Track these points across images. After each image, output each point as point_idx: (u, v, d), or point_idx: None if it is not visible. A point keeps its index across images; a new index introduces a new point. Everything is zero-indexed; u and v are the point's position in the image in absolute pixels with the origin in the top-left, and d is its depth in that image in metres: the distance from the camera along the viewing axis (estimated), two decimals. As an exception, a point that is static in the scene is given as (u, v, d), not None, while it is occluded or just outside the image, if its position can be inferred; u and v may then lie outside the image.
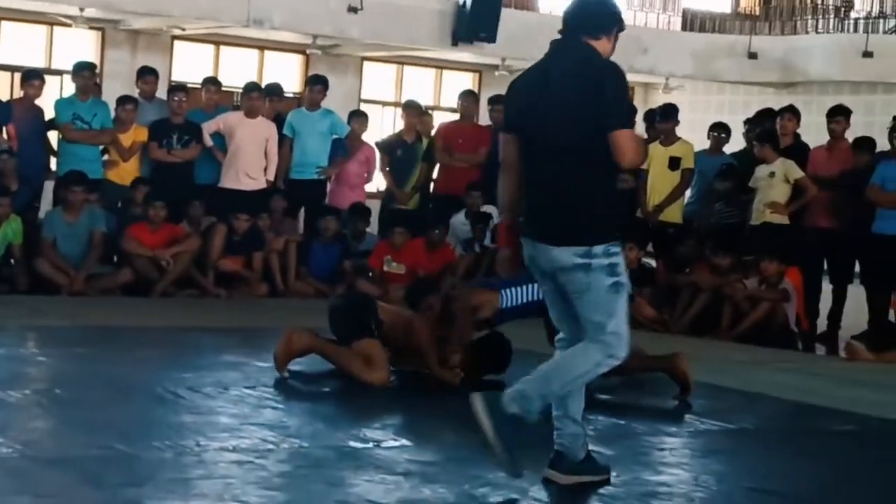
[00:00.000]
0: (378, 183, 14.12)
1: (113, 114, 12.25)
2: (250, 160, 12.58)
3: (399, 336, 7.45)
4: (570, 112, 4.93)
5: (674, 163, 12.48)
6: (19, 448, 5.06)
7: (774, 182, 11.69)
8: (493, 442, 4.83)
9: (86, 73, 12.36)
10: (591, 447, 5.83)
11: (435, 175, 13.92)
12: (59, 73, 17.37)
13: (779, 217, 11.70)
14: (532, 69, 5.20)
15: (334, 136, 13.17)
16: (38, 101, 12.20)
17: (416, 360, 7.54)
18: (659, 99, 19.95)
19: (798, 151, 12.10)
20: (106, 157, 12.32)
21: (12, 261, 11.37)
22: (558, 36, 5.13)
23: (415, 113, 13.84)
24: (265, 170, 12.69)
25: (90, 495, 4.49)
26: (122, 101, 12.41)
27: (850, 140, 12.11)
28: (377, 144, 13.85)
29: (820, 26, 22.90)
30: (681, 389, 7.39)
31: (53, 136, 12.35)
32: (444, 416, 6.49)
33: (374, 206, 13.62)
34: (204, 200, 12.25)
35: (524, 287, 7.38)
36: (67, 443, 5.32)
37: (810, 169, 11.91)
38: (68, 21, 18.25)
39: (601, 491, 5.02)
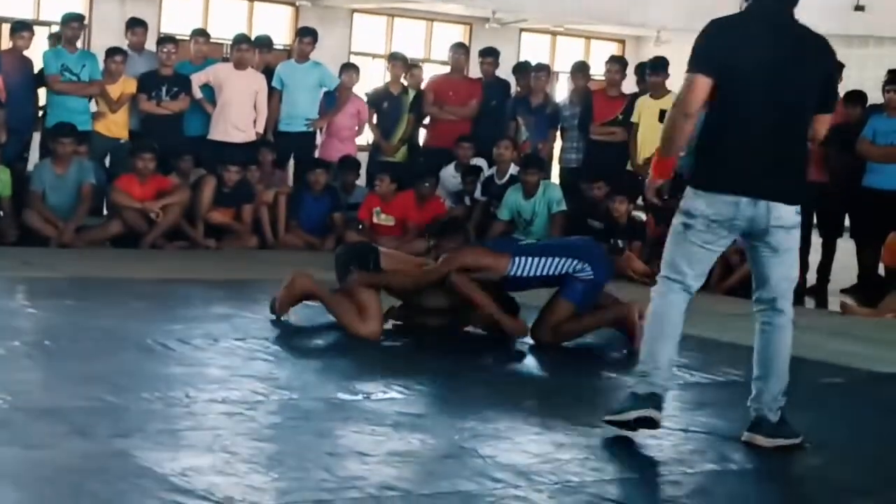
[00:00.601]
0: (368, 136, 14.08)
1: (101, 65, 12.19)
2: (240, 112, 12.55)
3: (406, 285, 7.43)
4: (816, 82, 5.17)
5: (664, 116, 12.42)
6: (9, 399, 5.06)
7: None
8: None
9: (74, 25, 12.29)
10: (580, 401, 5.87)
11: (425, 128, 13.90)
12: (47, 24, 17.26)
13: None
14: (755, 21, 5.20)
15: (324, 89, 13.14)
16: (27, 53, 12.14)
17: (423, 310, 7.56)
18: (650, 52, 19.88)
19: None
20: (94, 108, 12.27)
21: (0, 213, 11.35)
22: None
23: (401, 65, 13.79)
24: (255, 122, 12.66)
25: (79, 446, 4.50)
26: (111, 52, 12.33)
27: (842, 94, 12.09)
28: (367, 101, 13.82)
29: (812, -21, 22.80)
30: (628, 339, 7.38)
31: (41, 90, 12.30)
32: (434, 368, 6.50)
33: (365, 158, 13.60)
34: (193, 153, 12.23)
35: (540, 259, 7.31)
36: (57, 394, 5.32)
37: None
38: (57, -28, 18.13)
39: (589, 444, 5.03)
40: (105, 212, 12.00)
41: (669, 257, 5.27)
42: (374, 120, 13.62)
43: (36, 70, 12.16)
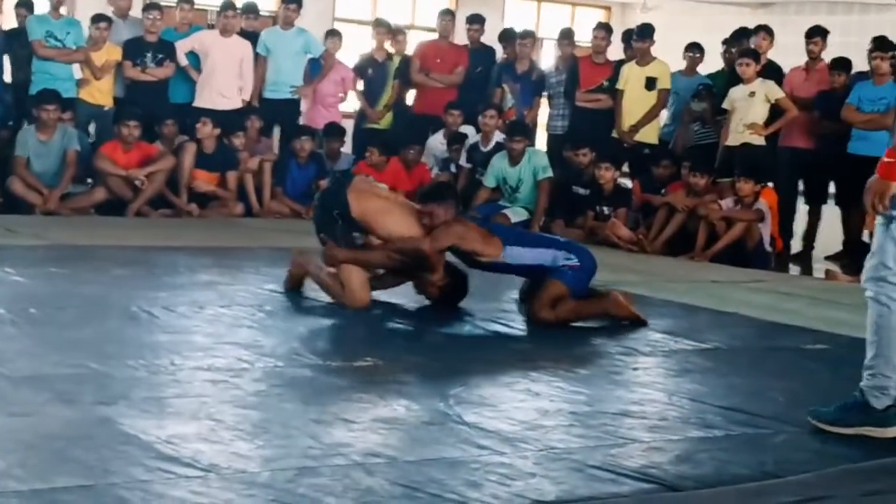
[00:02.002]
0: (353, 103, 14.06)
1: (86, 32, 12.15)
2: (225, 79, 12.53)
3: (382, 262, 7.29)
4: None
5: (650, 83, 12.47)
6: (-7, 367, 5.05)
7: (754, 102, 11.68)
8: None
9: (59, -10, 12.24)
10: (565, 368, 5.87)
11: (412, 95, 13.88)
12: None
13: (756, 138, 11.70)
14: None
15: (308, 56, 13.11)
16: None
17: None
18: (636, 18, 19.85)
19: (771, 73, 12.07)
20: (78, 76, 12.22)
21: (-16, 180, 11.33)
22: None
23: (385, 31, 13.76)
24: (240, 89, 12.63)
25: (63, 413, 4.49)
26: (96, 19, 12.28)
27: (827, 61, 12.09)
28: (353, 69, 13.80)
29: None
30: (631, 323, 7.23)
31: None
32: (419, 336, 6.51)
33: (350, 125, 13.58)
34: (178, 119, 12.21)
35: (530, 251, 7.20)
36: (41, 361, 5.30)
37: (787, 89, 11.90)
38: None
39: (574, 410, 5.05)
40: (89, 179, 11.97)
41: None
42: (360, 87, 13.61)
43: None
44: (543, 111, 13.77)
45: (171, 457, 3.95)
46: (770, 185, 11.52)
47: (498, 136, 12.47)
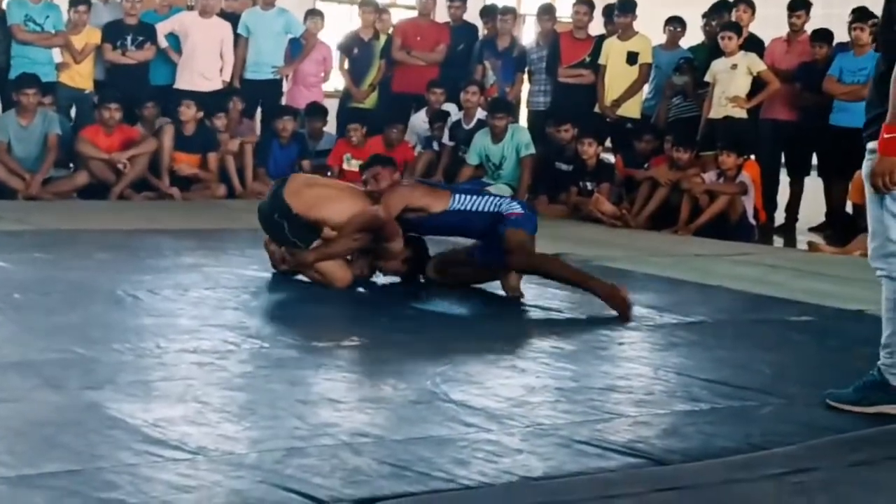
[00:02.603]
0: (336, 83, 14.03)
1: (66, 16, 12.10)
2: (206, 60, 12.50)
3: (348, 249, 7.23)
4: None
5: (631, 57, 12.46)
6: (-22, 353, 5.05)
7: (737, 75, 11.68)
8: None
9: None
10: (550, 343, 5.89)
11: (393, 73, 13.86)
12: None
13: (738, 110, 11.70)
14: None
15: (289, 36, 13.08)
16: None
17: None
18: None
19: (752, 46, 12.07)
20: (58, 59, 12.18)
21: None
22: None
23: (371, 10, 13.71)
24: (220, 70, 12.61)
25: (51, 399, 4.49)
26: (75, 2, 12.21)
27: (808, 32, 12.11)
28: (337, 47, 13.76)
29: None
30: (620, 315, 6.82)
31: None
32: (404, 315, 6.51)
33: (332, 105, 13.55)
34: (159, 102, 12.18)
35: (477, 197, 7.17)
36: (27, 347, 5.30)
37: (768, 61, 11.91)
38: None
39: (560, 386, 5.06)
40: (71, 163, 11.94)
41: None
42: (346, 66, 13.58)
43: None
44: (525, 88, 13.75)
45: (158, 440, 3.95)
46: (752, 157, 11.54)
47: (480, 114, 12.46)
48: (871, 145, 4.65)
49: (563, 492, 3.59)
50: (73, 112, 12.43)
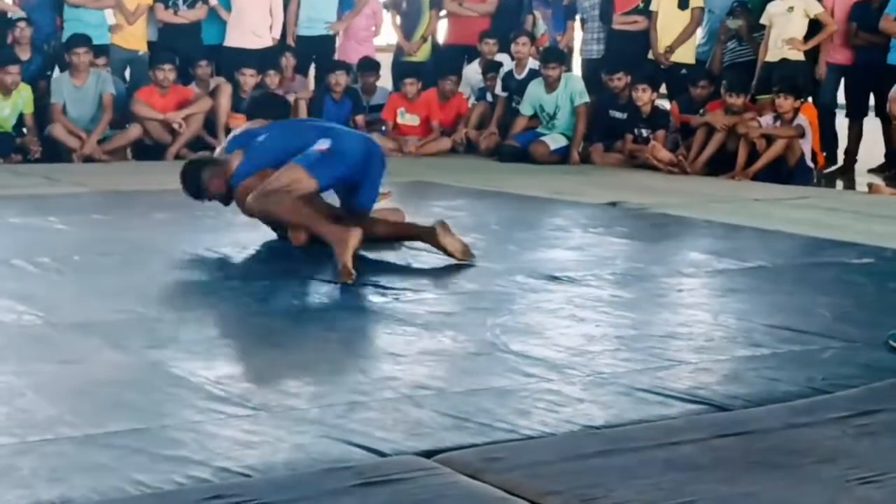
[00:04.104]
0: (389, 37, 14.02)
1: (117, -23, 12.14)
2: (256, 18, 12.51)
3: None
4: None
5: (683, 2, 12.36)
6: (41, 315, 5.09)
7: (793, 17, 11.56)
8: None
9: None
10: (609, 292, 5.87)
11: (442, 27, 13.83)
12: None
13: (794, 53, 11.59)
14: None
15: (341, -9, 13.07)
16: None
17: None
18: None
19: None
20: (111, 21, 12.22)
21: (24, 130, 11.38)
22: None
23: (419, -38, 13.67)
24: (270, 27, 12.61)
25: (115, 358, 4.53)
26: (126, -37, 12.27)
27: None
28: (384, 5, 13.73)
29: None
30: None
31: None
32: (460, 267, 6.49)
33: (384, 60, 13.53)
34: (212, 60, 12.20)
35: (335, 163, 6.49)
36: (89, 308, 5.34)
37: (825, 3, 11.78)
38: None
39: (620, 334, 5.05)
40: (127, 126, 11.99)
41: None
42: (397, 21, 13.55)
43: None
44: (578, 36, 13.67)
45: (221, 397, 3.97)
46: (810, 100, 11.43)
47: (532, 64, 12.41)
48: None
49: (625, 440, 3.58)
50: (127, 73, 12.48)
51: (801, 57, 11.61)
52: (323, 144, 6.49)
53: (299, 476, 3.28)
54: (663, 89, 12.88)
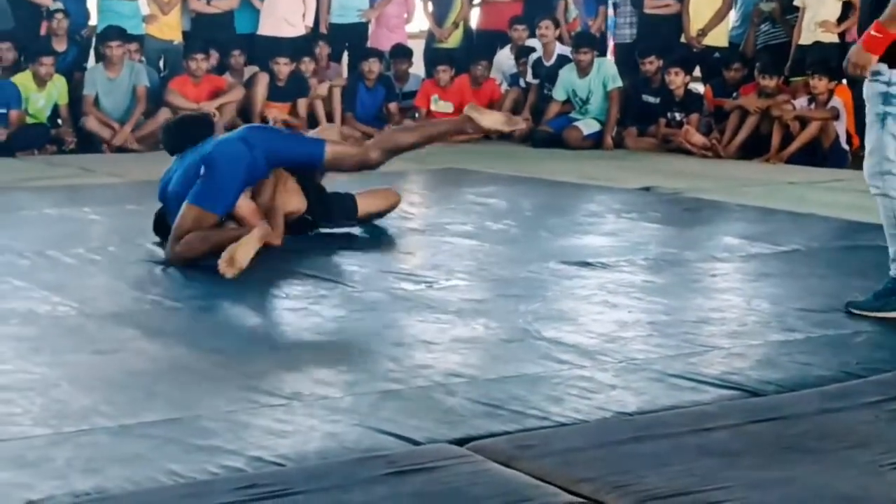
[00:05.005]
0: (421, 23, 14.01)
1: (150, -32, 12.18)
2: (289, 6, 12.51)
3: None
4: None
5: (714, -15, 12.31)
6: (76, 306, 5.12)
7: (826, 0, 11.49)
8: None
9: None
10: (641, 278, 5.87)
11: (475, 14, 13.82)
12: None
13: (828, 35, 11.53)
14: None
15: (373, -21, 13.08)
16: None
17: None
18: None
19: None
20: (145, 12, 12.26)
21: (59, 121, 11.44)
22: None
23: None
24: (303, 16, 12.62)
25: (149, 349, 4.55)
26: (160, -46, 12.30)
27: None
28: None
29: None
30: None
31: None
32: (490, 254, 6.49)
33: (417, 47, 13.53)
34: (245, 49, 12.22)
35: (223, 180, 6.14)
36: (123, 299, 5.37)
37: (858, -17, 11.72)
38: None
39: (652, 320, 5.04)
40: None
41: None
42: (429, 8, 13.55)
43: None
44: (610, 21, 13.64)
45: (253, 386, 3.99)
46: (844, 82, 11.36)
47: (560, 49, 12.38)
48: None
49: (658, 426, 3.58)
50: (161, 64, 12.51)
51: (834, 39, 11.54)
52: (202, 171, 6.14)
53: (332, 465, 3.30)
54: (696, 73, 12.83)
